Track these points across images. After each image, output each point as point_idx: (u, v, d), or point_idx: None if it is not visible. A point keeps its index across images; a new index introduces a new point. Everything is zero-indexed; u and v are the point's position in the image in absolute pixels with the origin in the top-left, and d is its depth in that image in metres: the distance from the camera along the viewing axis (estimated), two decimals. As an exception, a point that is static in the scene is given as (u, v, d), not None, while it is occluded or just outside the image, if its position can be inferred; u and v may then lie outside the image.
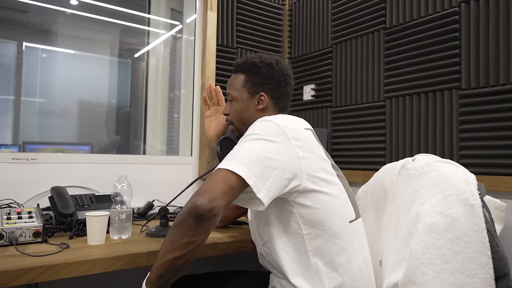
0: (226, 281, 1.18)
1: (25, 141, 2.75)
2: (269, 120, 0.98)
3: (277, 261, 1.00)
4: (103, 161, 1.58)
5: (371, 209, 1.20)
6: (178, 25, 2.15)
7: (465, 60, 1.34)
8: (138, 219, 1.44)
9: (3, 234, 0.98)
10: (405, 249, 0.97)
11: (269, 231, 1.00)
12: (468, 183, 0.93)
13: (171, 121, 2.14)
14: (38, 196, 1.43)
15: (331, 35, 1.86)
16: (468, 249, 0.87)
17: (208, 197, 0.83)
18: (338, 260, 0.96)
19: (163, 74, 2.28)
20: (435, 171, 1.00)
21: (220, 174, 0.87)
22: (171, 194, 1.68)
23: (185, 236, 0.84)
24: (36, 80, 2.91)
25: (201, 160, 1.79)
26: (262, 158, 0.90)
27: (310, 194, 0.95)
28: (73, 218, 1.18)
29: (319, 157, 1.01)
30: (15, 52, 2.89)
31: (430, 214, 0.93)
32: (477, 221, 0.88)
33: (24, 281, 0.83)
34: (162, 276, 0.86)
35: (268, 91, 1.16)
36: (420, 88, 1.47)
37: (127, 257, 0.97)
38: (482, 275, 0.86)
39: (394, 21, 1.56)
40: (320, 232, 0.96)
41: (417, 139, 1.47)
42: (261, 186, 0.88)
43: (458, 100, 1.35)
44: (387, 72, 1.59)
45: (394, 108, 1.56)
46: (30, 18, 2.86)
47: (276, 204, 0.97)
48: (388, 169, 1.17)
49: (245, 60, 1.20)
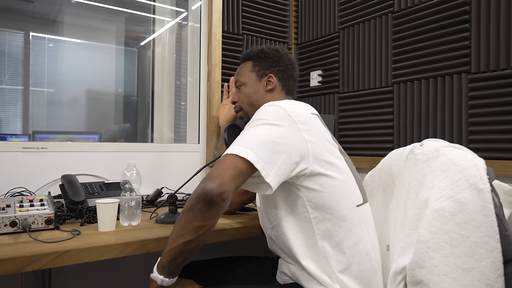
0: (234, 267, 1.20)
1: (35, 131, 2.78)
2: (275, 104, 0.98)
3: (286, 244, 1.00)
4: (112, 150, 1.59)
5: (379, 195, 1.20)
6: (183, 12, 2.13)
7: (475, 43, 1.31)
8: (147, 206, 1.45)
9: (16, 221, 1.00)
10: (413, 233, 0.97)
11: (277, 215, 1.01)
12: (477, 167, 0.92)
13: (178, 109, 2.14)
14: (49, 184, 1.45)
15: (338, 19, 1.84)
16: (476, 233, 0.87)
17: (218, 182, 0.83)
18: (345, 243, 0.97)
19: (169, 62, 2.28)
20: (443, 156, 0.99)
21: (229, 159, 0.88)
22: (179, 181, 1.70)
23: (195, 220, 0.85)
24: (43, 70, 2.93)
25: (208, 147, 1.79)
26: (270, 143, 0.90)
27: (317, 177, 0.95)
28: (84, 205, 1.19)
29: (326, 141, 1.01)
30: (22, 42, 2.90)
31: (439, 199, 0.93)
32: (486, 205, 0.87)
33: (38, 266, 0.85)
34: (173, 260, 0.87)
35: (276, 73, 1.20)
36: (429, 73, 1.45)
37: (137, 243, 0.98)
38: (490, 259, 0.86)
39: (402, 5, 1.54)
40: (327, 216, 0.96)
41: (425, 124, 1.46)
42: (269, 171, 0.88)
43: (467, 84, 1.33)
44: (395, 56, 1.57)
45: (402, 93, 1.54)
46: (36, 8, 2.86)
47: (284, 188, 0.97)
48: (396, 155, 1.16)
49: (251, 49, 1.26)
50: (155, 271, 0.90)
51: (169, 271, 0.88)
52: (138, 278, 1.63)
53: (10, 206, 1.06)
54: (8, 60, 2.85)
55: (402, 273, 0.97)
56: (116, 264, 1.58)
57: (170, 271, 0.89)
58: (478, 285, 0.86)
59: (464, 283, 0.86)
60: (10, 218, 0.99)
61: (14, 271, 0.82)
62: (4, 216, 0.99)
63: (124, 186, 1.14)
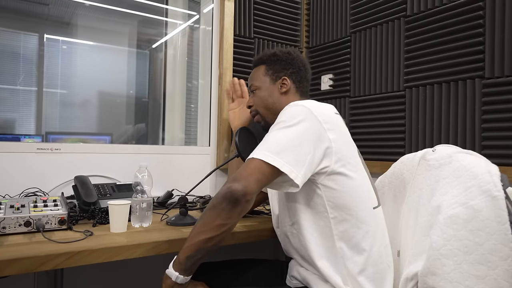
0: (245, 269, 1.20)
1: (48, 131, 2.82)
2: (300, 104, 0.99)
3: (302, 243, 1.01)
4: (124, 151, 1.61)
5: (389, 200, 1.19)
6: (195, 15, 2.15)
7: (489, 48, 1.30)
8: (158, 208, 1.46)
9: (31, 221, 1.02)
10: (425, 240, 0.96)
11: (297, 212, 1.01)
12: (491, 174, 0.91)
13: (189, 111, 2.16)
14: (62, 185, 1.47)
15: (349, 23, 1.83)
16: (490, 241, 0.86)
17: (243, 184, 0.86)
18: (362, 245, 0.97)
19: (181, 65, 2.29)
20: (456, 162, 0.98)
21: (254, 163, 0.90)
22: (190, 184, 1.71)
23: (218, 218, 0.87)
24: (57, 72, 2.97)
25: (219, 150, 1.80)
26: (295, 146, 0.91)
27: (337, 176, 0.96)
28: (96, 206, 1.21)
29: (348, 141, 1.02)
30: (37, 44, 2.95)
31: (452, 205, 0.92)
32: (500, 212, 0.86)
33: (51, 266, 0.86)
34: (191, 257, 0.89)
35: (289, 75, 1.21)
36: (441, 77, 1.43)
37: (149, 245, 0.99)
38: (504, 266, 0.84)
39: (415, 9, 1.53)
40: (346, 217, 0.97)
41: (438, 130, 1.44)
42: (298, 173, 0.90)
43: (481, 89, 1.32)
44: (407, 61, 1.56)
45: (414, 98, 1.53)
46: (51, 11, 2.91)
47: (305, 187, 0.98)
48: (407, 160, 1.15)
49: (263, 53, 1.26)
50: (171, 267, 0.91)
51: (185, 268, 0.90)
52: (149, 279, 1.64)
53: (24, 206, 1.08)
54: (23, 61, 2.90)
55: (413, 280, 0.96)
56: (126, 265, 1.60)
57: (186, 268, 0.90)
58: (491, 294, 0.85)
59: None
60: (24, 218, 1.01)
61: (28, 270, 0.83)
62: (18, 216, 1.01)
63: (135, 187, 1.16)
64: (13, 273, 0.82)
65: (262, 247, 1.88)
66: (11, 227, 1.00)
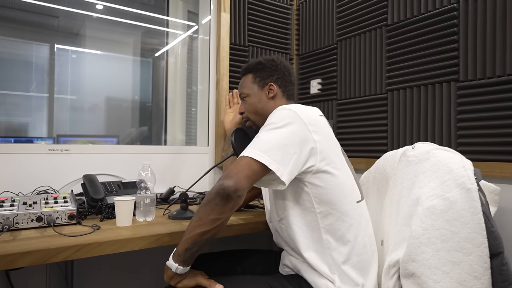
0: (241, 259, 1.20)
1: (59, 134, 2.81)
2: (287, 108, 0.99)
3: (291, 236, 1.01)
4: (129, 152, 1.60)
5: (373, 194, 1.19)
6: (194, 26, 2.15)
7: (463, 53, 1.30)
8: (160, 203, 1.46)
9: (42, 216, 1.01)
10: (406, 230, 0.97)
11: (286, 208, 1.01)
12: (465, 168, 0.92)
13: (189, 115, 2.15)
14: (72, 183, 1.46)
15: (336, 32, 1.84)
16: (464, 230, 0.86)
17: (234, 180, 0.86)
18: (347, 236, 0.97)
19: (181, 72, 2.29)
20: (434, 158, 0.99)
21: (244, 161, 0.90)
22: (190, 181, 1.71)
23: (212, 213, 0.87)
24: (67, 79, 2.95)
25: (217, 149, 1.79)
26: (282, 146, 0.91)
27: (322, 175, 0.96)
28: (103, 202, 1.20)
29: (332, 141, 1.02)
30: (48, 53, 2.93)
31: (429, 197, 0.92)
32: (473, 203, 0.87)
33: (61, 258, 0.85)
34: (189, 249, 0.88)
35: (275, 81, 1.21)
36: (420, 81, 1.44)
37: (152, 237, 0.99)
38: (478, 253, 0.85)
39: (395, 18, 1.53)
40: (331, 211, 0.96)
41: (417, 129, 1.45)
42: (284, 170, 0.90)
43: (456, 91, 1.32)
44: (389, 66, 1.56)
45: (395, 100, 1.54)
46: (61, 22, 2.89)
47: (293, 185, 0.98)
48: (389, 157, 1.15)
49: (249, 63, 1.27)
50: (171, 259, 0.91)
51: (184, 259, 0.89)
52: (153, 269, 1.63)
53: (36, 203, 1.07)
54: (35, 70, 2.88)
55: (395, 266, 0.97)
56: (132, 256, 1.59)
57: (184, 260, 0.89)
58: (467, 278, 0.85)
59: (454, 275, 0.86)
60: (36, 214, 1.00)
61: (40, 262, 0.83)
62: (31, 212, 1.00)
63: (139, 185, 1.15)
64: (26, 265, 0.82)
65: (256, 238, 1.88)
66: (23, 222, 0.99)
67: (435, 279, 0.87)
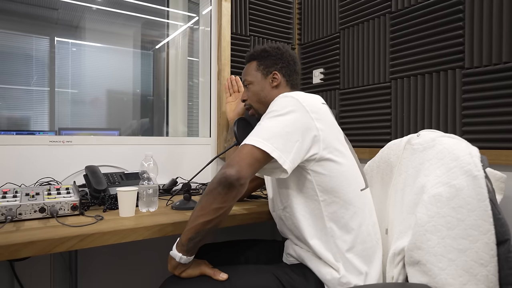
0: (245, 249, 1.19)
1: (61, 127, 2.80)
2: (289, 96, 0.97)
3: (295, 225, 1.00)
4: (131, 143, 1.59)
5: (377, 182, 1.18)
6: (195, 16, 2.12)
7: (469, 39, 1.28)
8: (163, 194, 1.45)
9: (45, 207, 1.01)
10: (411, 217, 0.96)
11: (289, 196, 1.00)
12: (472, 155, 0.91)
13: (191, 106, 2.14)
14: (74, 174, 1.45)
15: (338, 20, 1.81)
16: (471, 217, 0.85)
17: (237, 168, 0.85)
18: (351, 224, 0.96)
19: (182, 64, 2.27)
20: (439, 145, 0.98)
21: (246, 149, 0.88)
22: (193, 171, 1.70)
23: (214, 202, 0.86)
24: (67, 72, 2.94)
25: (219, 140, 1.79)
26: (284, 133, 0.90)
27: (325, 162, 0.95)
28: (106, 193, 1.19)
29: (335, 129, 1.01)
30: (48, 46, 2.92)
31: (435, 185, 0.91)
32: (480, 190, 0.86)
33: (65, 248, 0.85)
34: (192, 239, 0.88)
35: (279, 69, 1.19)
36: (424, 69, 1.42)
37: (155, 227, 0.98)
38: (484, 240, 0.84)
39: (399, 5, 1.51)
40: (335, 199, 0.96)
41: (421, 117, 1.43)
42: (286, 158, 0.89)
43: (461, 79, 1.30)
44: (392, 54, 1.54)
45: (399, 88, 1.52)
46: (60, 15, 2.87)
47: (296, 173, 0.97)
48: (394, 145, 1.14)
49: (254, 50, 1.24)
50: (174, 249, 0.90)
51: (187, 249, 0.89)
52: (156, 259, 1.64)
53: (39, 194, 1.07)
54: (35, 63, 2.87)
55: (400, 254, 0.96)
56: (135, 246, 1.59)
57: (188, 249, 0.89)
58: (473, 265, 0.84)
59: (460, 263, 0.85)
60: (39, 204, 1.00)
61: (44, 252, 0.83)
62: (34, 203, 0.99)
63: (142, 175, 1.14)
64: (30, 255, 0.81)
65: (260, 228, 1.88)
66: (26, 213, 0.99)
67: (440, 266, 0.86)
